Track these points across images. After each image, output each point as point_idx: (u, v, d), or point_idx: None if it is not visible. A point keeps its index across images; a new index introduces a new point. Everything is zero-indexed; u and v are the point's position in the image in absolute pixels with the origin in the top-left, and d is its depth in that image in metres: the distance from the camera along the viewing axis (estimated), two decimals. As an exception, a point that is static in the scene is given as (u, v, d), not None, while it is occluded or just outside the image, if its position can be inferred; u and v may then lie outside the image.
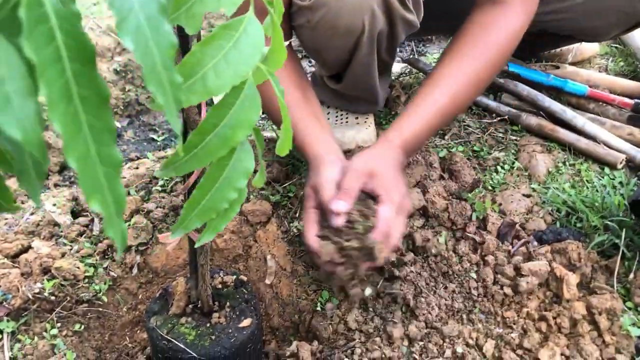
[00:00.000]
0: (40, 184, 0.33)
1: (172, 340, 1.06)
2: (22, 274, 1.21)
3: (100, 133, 0.30)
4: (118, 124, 2.37)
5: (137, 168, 1.62)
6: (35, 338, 1.12)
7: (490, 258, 1.21)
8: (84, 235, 1.35)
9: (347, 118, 1.60)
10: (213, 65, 0.48)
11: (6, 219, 1.49)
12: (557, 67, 1.73)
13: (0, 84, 0.26)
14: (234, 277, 1.19)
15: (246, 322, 1.10)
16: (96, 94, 0.30)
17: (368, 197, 1.08)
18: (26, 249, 1.29)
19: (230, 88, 0.49)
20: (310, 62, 2.44)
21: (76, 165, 0.29)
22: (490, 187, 1.41)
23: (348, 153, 1.45)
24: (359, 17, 1.22)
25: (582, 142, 1.49)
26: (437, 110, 1.21)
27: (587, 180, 1.41)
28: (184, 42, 0.73)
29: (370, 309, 1.18)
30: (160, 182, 1.49)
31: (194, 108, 0.82)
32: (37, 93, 0.29)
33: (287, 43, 0.57)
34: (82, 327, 1.20)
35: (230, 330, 1.09)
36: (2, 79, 0.26)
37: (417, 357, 1.09)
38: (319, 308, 1.21)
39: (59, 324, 1.16)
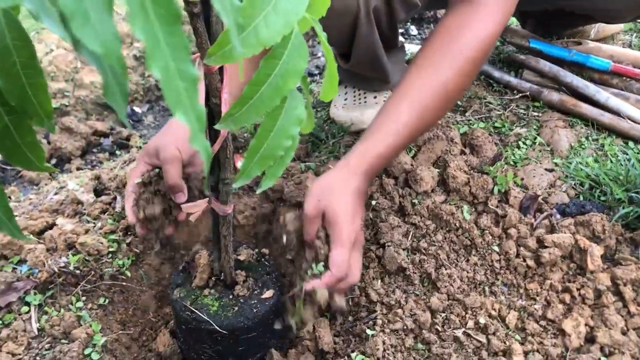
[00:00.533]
0: (124, 102, 0.34)
1: (196, 311, 1.07)
2: (48, 250, 1.23)
3: (176, 49, 0.30)
4: (138, 109, 2.40)
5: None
6: (62, 310, 1.13)
7: (512, 231, 1.20)
8: (106, 213, 1.36)
9: (365, 97, 1.60)
10: (264, 16, 0.49)
11: (30, 198, 1.51)
12: (579, 44, 1.71)
13: (80, 1, 0.27)
14: (256, 250, 1.20)
15: (268, 294, 1.11)
16: (169, 12, 0.30)
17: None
18: (51, 226, 1.31)
19: (281, 38, 0.50)
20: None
21: (160, 74, 0.30)
22: (512, 163, 1.39)
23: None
24: None
25: (606, 117, 1.47)
26: (404, 128, 1.10)
27: (610, 154, 1.39)
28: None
29: (392, 282, 1.18)
30: (181, 161, 1.50)
31: (216, 75, 0.83)
32: (112, 9, 0.29)
33: None
34: (107, 301, 1.21)
35: (253, 302, 1.09)
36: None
37: (439, 328, 1.09)
38: (340, 282, 1.21)
39: (84, 298, 1.18)
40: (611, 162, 1.36)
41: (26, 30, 0.47)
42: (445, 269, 1.16)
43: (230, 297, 1.10)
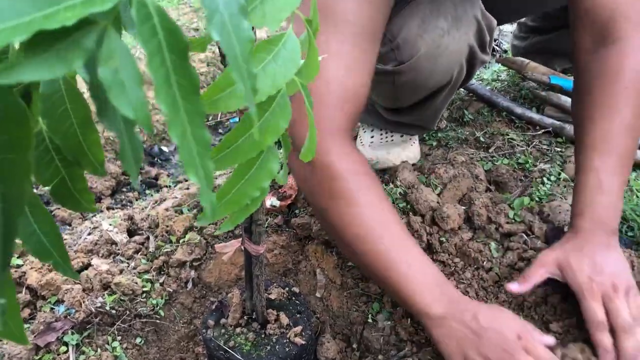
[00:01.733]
0: (137, 168, 0.37)
1: (229, 350, 1.09)
2: (84, 290, 1.27)
3: (193, 115, 0.33)
4: (165, 149, 2.46)
5: (187, 188, 1.67)
6: (98, 350, 1.16)
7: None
8: (139, 253, 1.40)
9: (392, 136, 1.62)
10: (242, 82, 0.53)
11: (65, 239, 1.56)
12: (601, 79, 1.72)
13: (116, 73, 0.30)
14: (286, 289, 1.22)
15: (300, 333, 1.13)
16: (189, 82, 0.34)
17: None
18: (86, 266, 1.35)
19: (266, 97, 0.53)
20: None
21: (178, 140, 0.33)
22: (537, 199, 1.41)
23: (389, 170, 1.48)
24: (449, 74, 1.26)
25: (630, 152, 1.48)
26: (605, 171, 1.07)
27: (636, 190, 1.40)
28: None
29: (422, 320, 1.19)
30: (211, 201, 1.54)
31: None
32: (142, 81, 0.33)
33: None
34: (141, 340, 1.24)
35: (285, 341, 1.11)
36: (118, 69, 0.30)
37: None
38: (370, 320, 1.22)
39: (119, 337, 1.21)
40: (637, 197, 1.37)
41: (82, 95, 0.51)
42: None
43: (263, 336, 1.12)
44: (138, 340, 1.23)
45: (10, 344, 1.14)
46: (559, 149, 1.58)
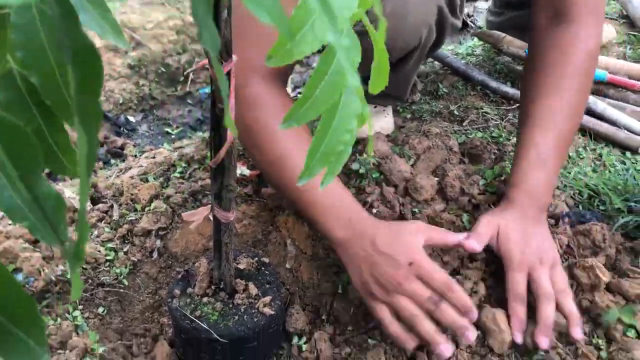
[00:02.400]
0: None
1: (195, 320, 1.05)
2: (44, 258, 1.21)
3: None
4: (132, 118, 2.39)
5: (154, 157, 1.62)
6: (59, 319, 1.12)
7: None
8: (103, 221, 1.35)
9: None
10: (319, 12, 0.49)
11: (25, 207, 1.49)
12: (575, 55, 1.72)
13: None
14: (256, 259, 1.19)
15: (269, 303, 1.10)
16: None
17: None
18: (47, 234, 1.29)
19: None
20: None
21: None
22: (510, 172, 1.39)
23: (363, 141, 1.45)
24: (418, 36, 1.22)
25: (603, 127, 1.48)
26: (546, 147, 1.12)
27: (609, 164, 1.40)
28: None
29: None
30: (179, 169, 1.49)
31: (223, 81, 0.82)
32: None
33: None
34: (104, 310, 1.19)
35: (253, 311, 1.08)
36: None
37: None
38: (340, 291, 1.20)
39: (80, 306, 1.16)
40: (609, 171, 1.37)
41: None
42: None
43: (231, 306, 1.09)
44: (100, 309, 1.19)
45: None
46: (532, 124, 1.56)
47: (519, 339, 1.01)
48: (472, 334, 0.95)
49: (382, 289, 0.98)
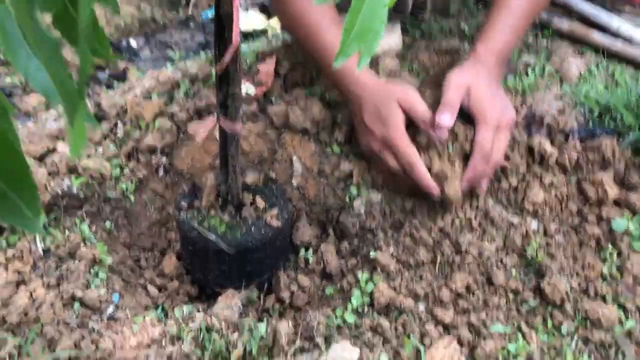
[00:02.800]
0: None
1: (203, 230, 1.06)
2: (49, 173, 1.21)
3: None
4: (134, 42, 2.33)
5: (157, 77, 1.59)
6: (66, 231, 1.12)
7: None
8: (107, 139, 1.34)
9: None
10: None
11: (29, 126, 1.48)
12: (591, -29, 1.65)
13: None
14: (262, 174, 1.19)
15: (276, 215, 1.10)
16: None
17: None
18: (52, 151, 1.29)
19: None
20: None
21: None
22: (520, 90, 1.37)
23: (372, 57, 1.41)
24: None
25: (618, 45, 1.44)
26: (519, 12, 1.17)
27: (621, 82, 1.36)
28: None
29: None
30: (183, 88, 1.46)
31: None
32: None
33: None
34: (111, 224, 1.20)
35: (260, 224, 1.08)
36: None
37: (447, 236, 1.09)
38: (346, 206, 1.20)
39: (88, 220, 1.17)
40: (621, 89, 1.34)
41: None
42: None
43: (238, 218, 1.09)
44: (107, 224, 1.19)
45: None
46: (545, 42, 1.52)
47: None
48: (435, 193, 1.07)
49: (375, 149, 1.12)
